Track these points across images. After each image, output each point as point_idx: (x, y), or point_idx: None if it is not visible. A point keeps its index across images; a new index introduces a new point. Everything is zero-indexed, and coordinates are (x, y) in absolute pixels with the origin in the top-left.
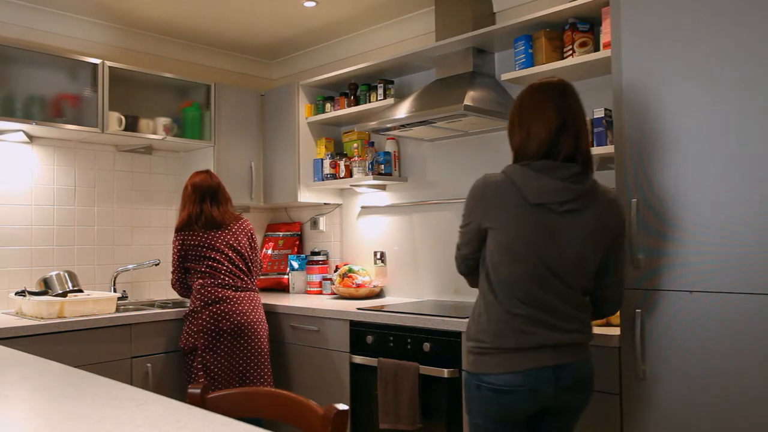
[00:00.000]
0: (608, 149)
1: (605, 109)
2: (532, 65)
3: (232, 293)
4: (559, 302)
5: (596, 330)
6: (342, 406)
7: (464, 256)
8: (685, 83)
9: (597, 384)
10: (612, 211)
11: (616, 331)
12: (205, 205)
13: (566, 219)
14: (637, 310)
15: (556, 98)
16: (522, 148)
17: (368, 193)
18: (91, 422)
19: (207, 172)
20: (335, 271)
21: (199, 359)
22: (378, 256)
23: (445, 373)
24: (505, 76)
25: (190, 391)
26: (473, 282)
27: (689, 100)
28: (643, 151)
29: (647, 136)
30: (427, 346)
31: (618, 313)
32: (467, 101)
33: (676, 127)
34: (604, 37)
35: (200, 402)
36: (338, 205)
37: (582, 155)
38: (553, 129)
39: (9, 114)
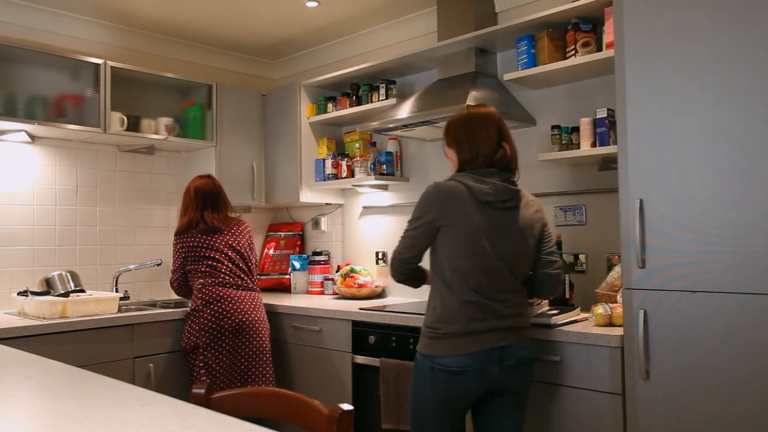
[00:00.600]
0: (611, 149)
1: (608, 109)
2: (535, 65)
3: (234, 292)
4: (505, 291)
5: (599, 330)
6: (347, 407)
7: (406, 260)
8: (689, 83)
9: (600, 384)
10: (536, 206)
11: (618, 331)
12: (206, 212)
13: (508, 214)
14: (640, 310)
15: (496, 124)
16: (470, 161)
17: (370, 193)
18: (96, 422)
19: (209, 177)
20: (337, 271)
21: (201, 357)
22: (380, 256)
23: None
24: (507, 76)
25: (194, 391)
26: (416, 284)
27: (692, 100)
28: (646, 151)
29: (650, 136)
30: None
31: (621, 312)
32: (470, 101)
33: (680, 127)
34: (607, 37)
35: (205, 402)
36: (340, 205)
37: (514, 165)
38: (495, 147)
39: (11, 114)
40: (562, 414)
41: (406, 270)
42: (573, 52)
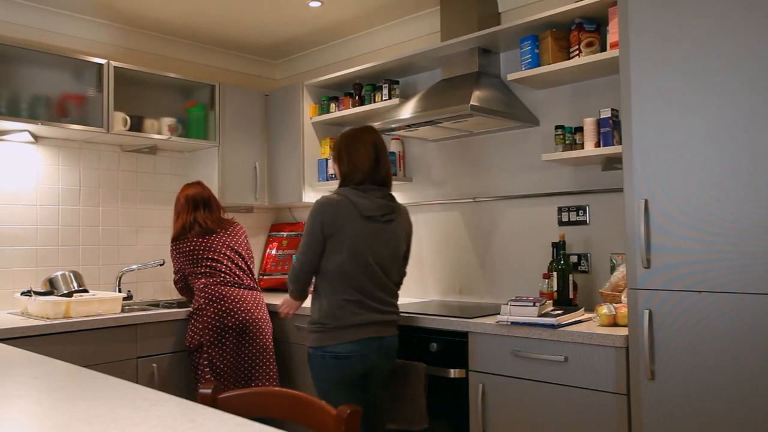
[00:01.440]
0: (615, 149)
1: (612, 109)
2: (539, 65)
3: (236, 290)
4: (380, 291)
5: (604, 330)
6: (354, 407)
7: (308, 272)
8: (693, 83)
9: (605, 384)
10: (407, 219)
11: (623, 331)
12: (198, 213)
13: (386, 227)
14: (645, 310)
15: (373, 142)
16: (349, 175)
17: None
18: (105, 423)
19: (199, 183)
20: None
21: (205, 356)
22: None
23: (452, 373)
24: (511, 77)
25: (201, 391)
26: (304, 296)
27: (697, 100)
28: (650, 151)
29: (655, 135)
30: (433, 346)
31: (625, 312)
32: (473, 101)
33: (684, 126)
34: (611, 37)
35: (212, 402)
36: None
37: (389, 180)
38: (372, 162)
39: (14, 114)
40: (566, 414)
41: (306, 280)
42: (577, 52)
